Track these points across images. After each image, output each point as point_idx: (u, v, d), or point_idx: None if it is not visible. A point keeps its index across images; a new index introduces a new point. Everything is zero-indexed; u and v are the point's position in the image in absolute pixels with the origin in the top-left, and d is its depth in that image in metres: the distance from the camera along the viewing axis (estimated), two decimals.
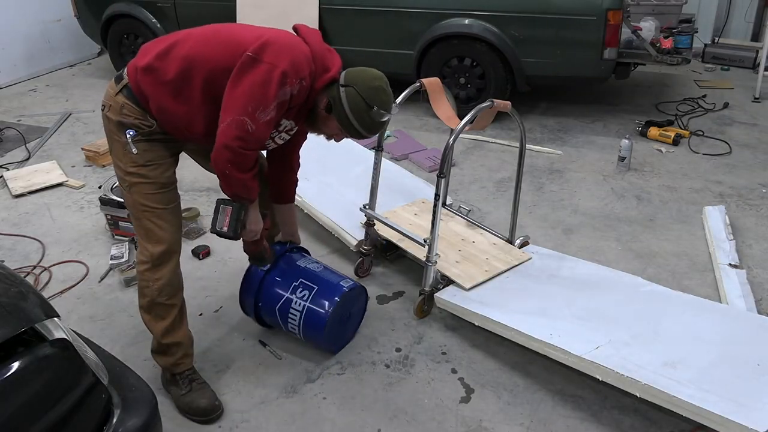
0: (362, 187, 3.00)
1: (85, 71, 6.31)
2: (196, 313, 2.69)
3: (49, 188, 3.82)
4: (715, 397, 1.85)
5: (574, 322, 2.31)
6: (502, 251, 2.82)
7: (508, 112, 2.58)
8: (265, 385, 2.32)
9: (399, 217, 2.98)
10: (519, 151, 2.77)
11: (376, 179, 2.83)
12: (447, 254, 2.74)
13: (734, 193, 3.63)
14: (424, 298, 2.61)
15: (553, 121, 4.67)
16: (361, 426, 2.15)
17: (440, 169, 2.47)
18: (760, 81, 5.05)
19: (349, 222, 2.97)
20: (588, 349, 2.12)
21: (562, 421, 2.15)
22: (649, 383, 1.93)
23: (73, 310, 2.75)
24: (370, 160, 2.86)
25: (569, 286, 2.60)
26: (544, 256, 2.82)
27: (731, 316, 2.45)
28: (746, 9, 6.14)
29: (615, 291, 2.55)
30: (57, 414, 1.35)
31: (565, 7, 4.14)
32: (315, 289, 2.34)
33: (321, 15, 4.72)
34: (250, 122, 1.85)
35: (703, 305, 2.47)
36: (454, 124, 2.58)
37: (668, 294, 2.52)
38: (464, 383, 2.32)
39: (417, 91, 2.72)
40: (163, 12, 5.25)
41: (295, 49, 1.90)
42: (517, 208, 2.85)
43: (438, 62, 4.56)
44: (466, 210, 3.25)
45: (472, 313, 2.43)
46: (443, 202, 2.88)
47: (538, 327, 2.26)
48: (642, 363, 2.03)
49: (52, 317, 1.47)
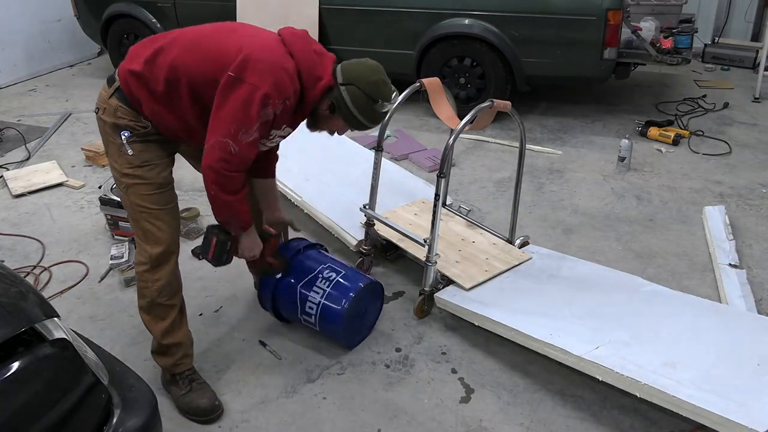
0: (362, 187, 3.00)
1: (85, 71, 6.31)
2: (196, 313, 2.69)
3: (49, 188, 3.82)
4: (715, 397, 1.85)
5: (574, 322, 2.31)
6: (502, 251, 2.82)
7: (508, 112, 2.58)
8: (265, 385, 2.32)
9: (399, 217, 2.99)
10: (519, 151, 2.77)
11: (376, 179, 2.83)
12: (447, 254, 2.74)
13: (734, 193, 3.63)
14: (424, 298, 2.61)
15: (553, 121, 4.67)
16: (361, 426, 2.15)
17: (440, 169, 2.47)
18: (760, 81, 5.05)
19: (349, 222, 2.97)
20: (588, 349, 2.12)
21: (562, 421, 2.15)
22: (649, 383, 1.93)
23: (73, 310, 2.75)
24: (370, 160, 2.86)
25: (569, 286, 2.60)
26: (544, 256, 2.82)
27: (731, 316, 2.45)
28: (746, 9, 6.14)
29: (615, 291, 2.55)
30: (57, 414, 1.35)
31: (565, 7, 4.14)
32: (332, 284, 2.38)
33: (321, 15, 4.72)
34: (233, 144, 1.84)
35: (703, 305, 2.47)
36: (454, 124, 2.58)
37: (668, 294, 2.52)
38: (464, 383, 2.32)
39: (417, 91, 2.72)
40: (163, 12, 5.25)
41: (277, 68, 1.86)
42: (517, 208, 2.85)
43: (438, 62, 4.56)
44: (466, 210, 3.25)
45: (472, 313, 2.43)
46: (443, 202, 2.88)
47: (538, 327, 2.26)
48: (642, 363, 2.03)
49: (52, 317, 1.47)
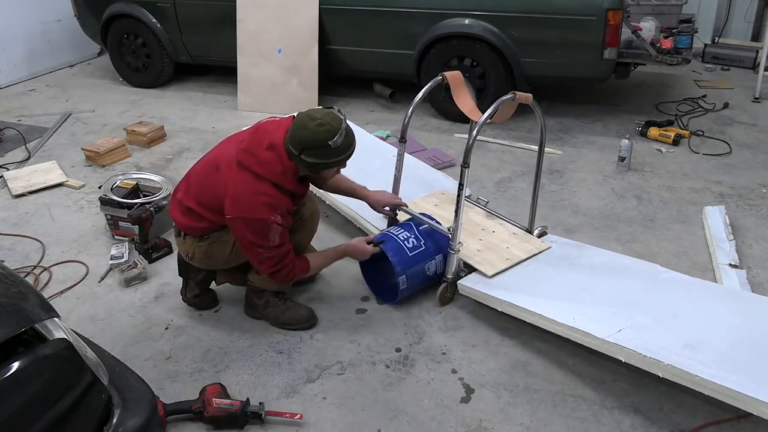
0: (382, 179, 3.06)
1: (85, 71, 6.31)
2: (196, 313, 2.70)
3: (49, 188, 3.82)
4: (735, 376, 1.91)
5: (596, 307, 2.37)
6: (522, 240, 2.87)
7: (529, 104, 2.62)
8: (265, 385, 2.32)
9: (419, 208, 3.03)
10: (539, 141, 2.82)
11: (399, 170, 2.91)
12: (468, 243, 2.78)
13: (734, 193, 3.63)
14: (447, 286, 2.67)
15: (553, 121, 4.67)
16: (361, 426, 2.15)
17: (464, 160, 2.52)
18: (760, 81, 5.05)
19: (372, 212, 3.02)
20: (611, 332, 2.18)
21: (562, 421, 2.15)
22: (672, 363, 1.98)
23: (73, 310, 2.75)
24: (389, 153, 2.94)
25: (589, 273, 2.66)
26: (563, 245, 2.88)
27: (748, 300, 2.51)
28: (746, 9, 6.13)
29: (634, 278, 2.61)
30: (57, 414, 1.35)
31: (565, 7, 4.14)
32: None
33: (321, 15, 4.71)
34: (266, 251, 2.28)
35: (720, 290, 2.57)
36: (476, 116, 2.61)
37: (686, 280, 2.59)
38: (464, 383, 2.32)
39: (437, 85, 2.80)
40: (163, 12, 5.24)
41: (256, 200, 2.20)
42: (536, 198, 2.90)
43: (438, 62, 4.56)
44: (484, 201, 3.27)
45: (495, 299, 2.49)
46: None
47: (561, 312, 2.32)
48: (663, 345, 2.09)
49: (52, 317, 1.47)
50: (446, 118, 4.71)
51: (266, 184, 2.21)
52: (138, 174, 3.66)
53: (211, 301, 2.73)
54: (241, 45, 4.95)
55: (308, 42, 4.73)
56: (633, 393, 2.24)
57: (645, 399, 2.21)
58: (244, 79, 5.02)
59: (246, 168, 2.22)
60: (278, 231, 2.23)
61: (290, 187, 2.27)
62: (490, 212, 3.10)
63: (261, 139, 2.27)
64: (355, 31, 4.73)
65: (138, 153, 4.32)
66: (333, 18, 4.73)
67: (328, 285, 2.87)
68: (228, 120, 4.87)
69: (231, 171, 2.25)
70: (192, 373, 2.39)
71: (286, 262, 2.33)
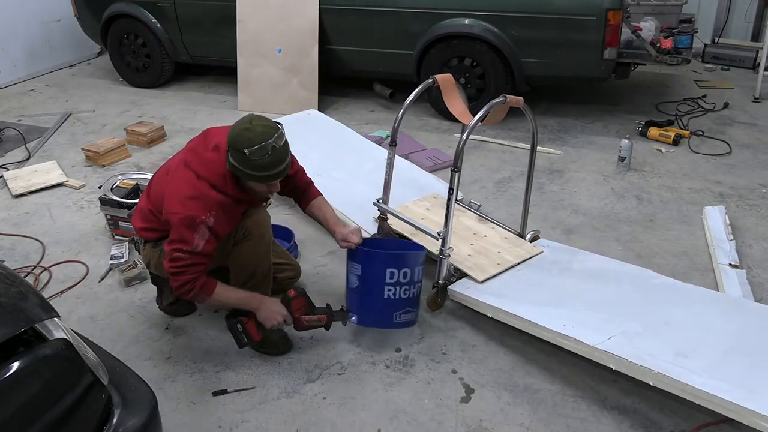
0: (373, 182, 3.04)
1: (85, 71, 6.31)
2: (195, 313, 2.70)
3: (49, 188, 3.82)
4: (727, 385, 1.89)
5: (587, 314, 2.35)
6: (513, 245, 2.85)
7: (520, 107, 2.59)
8: (265, 385, 2.32)
9: (411, 212, 3.01)
10: (531, 146, 2.78)
11: (389, 174, 2.87)
12: (459, 248, 2.76)
13: (734, 193, 3.63)
14: (438, 291, 2.64)
15: (553, 121, 4.67)
16: (361, 426, 2.15)
17: (454, 164, 2.50)
18: (760, 81, 5.05)
19: (362, 216, 3.01)
20: (601, 339, 2.16)
21: (562, 421, 2.15)
22: (662, 372, 1.96)
23: (73, 310, 2.75)
24: (381, 156, 2.89)
25: (581, 278, 2.64)
26: (555, 250, 2.86)
27: (741, 307, 2.49)
28: (746, 9, 6.13)
29: (626, 283, 2.59)
30: (57, 414, 1.35)
31: (565, 7, 4.14)
32: None
33: (321, 15, 4.71)
34: (182, 252, 2.17)
35: (713, 297, 2.52)
36: (467, 119, 2.59)
37: (678, 286, 2.56)
38: (464, 383, 2.32)
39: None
40: (163, 12, 5.24)
41: (191, 196, 2.17)
42: (528, 203, 2.88)
43: (438, 62, 4.56)
44: (476, 205, 3.26)
45: (485, 305, 2.47)
46: None
47: (552, 318, 2.30)
48: (654, 353, 2.07)
49: (52, 317, 1.47)
50: (446, 118, 4.70)
51: (205, 183, 2.19)
52: (138, 174, 3.66)
53: (187, 307, 2.69)
54: (241, 45, 4.95)
55: (308, 42, 4.73)
56: (633, 393, 2.24)
57: (645, 399, 2.21)
58: (244, 79, 5.02)
59: (189, 167, 2.24)
60: (206, 235, 2.15)
61: (229, 190, 2.21)
62: (483, 216, 3.07)
63: (208, 141, 2.28)
64: (355, 31, 4.73)
65: (138, 153, 4.32)
66: (333, 18, 4.73)
67: (329, 285, 2.87)
68: (228, 120, 4.80)
69: (177, 171, 2.27)
70: (192, 373, 2.39)
71: (194, 271, 2.17)
